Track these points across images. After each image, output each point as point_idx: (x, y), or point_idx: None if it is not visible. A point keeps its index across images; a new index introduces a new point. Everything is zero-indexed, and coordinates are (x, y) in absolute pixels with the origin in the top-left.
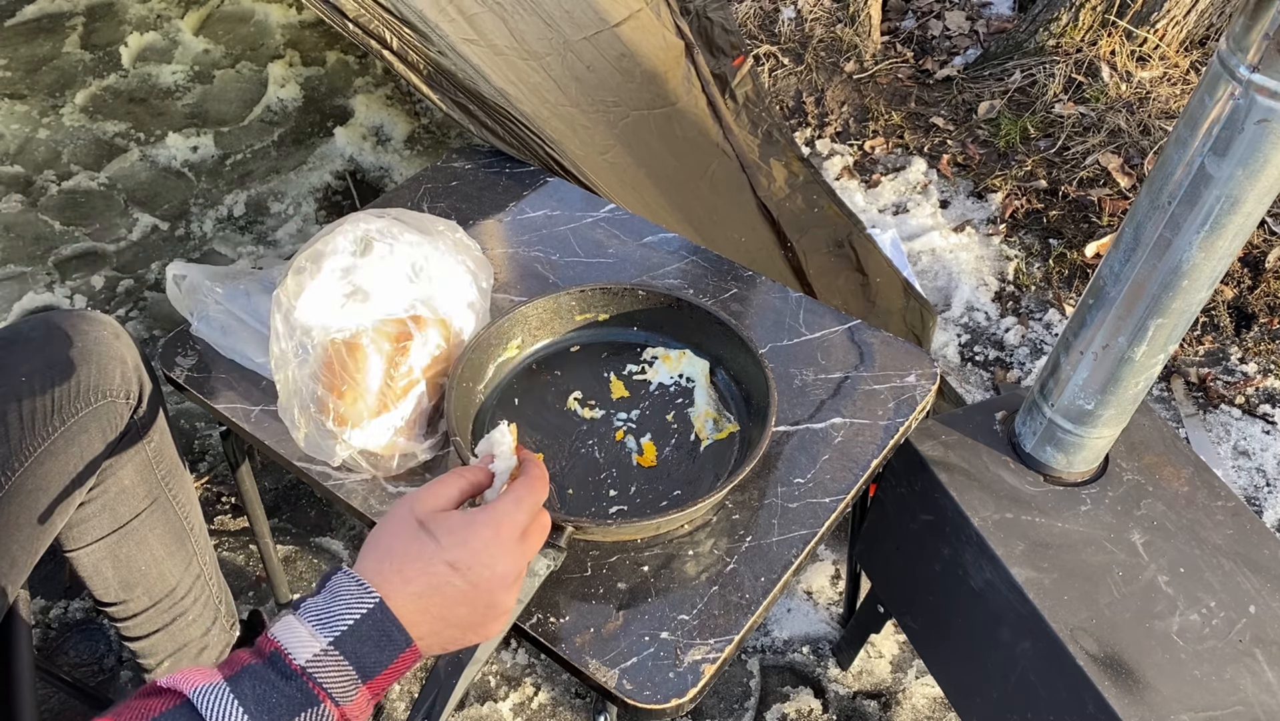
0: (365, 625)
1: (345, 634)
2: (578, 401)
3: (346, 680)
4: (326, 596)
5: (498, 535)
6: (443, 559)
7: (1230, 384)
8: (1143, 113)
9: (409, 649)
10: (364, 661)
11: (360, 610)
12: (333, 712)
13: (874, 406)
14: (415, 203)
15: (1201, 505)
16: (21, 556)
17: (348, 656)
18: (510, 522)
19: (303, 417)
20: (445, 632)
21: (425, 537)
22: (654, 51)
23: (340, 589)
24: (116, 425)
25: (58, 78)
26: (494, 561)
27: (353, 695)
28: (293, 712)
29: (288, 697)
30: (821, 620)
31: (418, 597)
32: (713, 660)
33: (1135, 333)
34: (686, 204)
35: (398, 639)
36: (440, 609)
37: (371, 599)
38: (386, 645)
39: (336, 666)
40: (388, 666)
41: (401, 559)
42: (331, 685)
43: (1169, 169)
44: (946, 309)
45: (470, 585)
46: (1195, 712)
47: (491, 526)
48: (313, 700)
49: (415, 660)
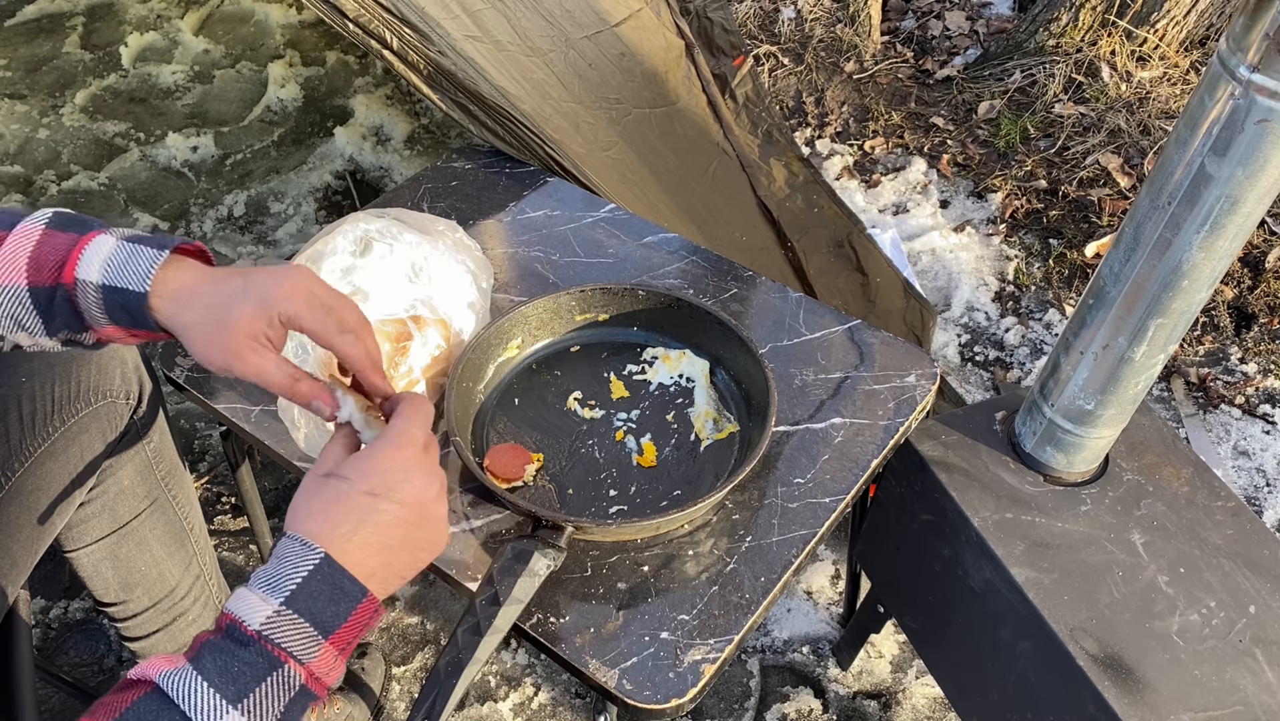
0: (315, 581)
1: (296, 592)
2: (578, 401)
3: (306, 637)
4: (273, 562)
5: (401, 450)
6: (359, 490)
7: (1230, 384)
8: (1143, 113)
9: (365, 599)
10: (320, 616)
11: (307, 566)
12: (299, 672)
13: (874, 406)
14: (415, 203)
15: (1201, 505)
16: (22, 556)
17: (302, 614)
18: (408, 438)
19: (303, 418)
20: (395, 562)
21: (336, 482)
22: (654, 51)
23: (285, 551)
24: (116, 425)
25: (58, 78)
26: (408, 475)
27: (315, 651)
28: (257, 678)
29: (249, 664)
30: (821, 620)
31: (353, 536)
32: (713, 660)
33: (1135, 332)
34: (687, 202)
35: (350, 590)
36: (379, 539)
37: (316, 555)
38: (340, 598)
39: (292, 625)
40: (346, 619)
41: (324, 509)
42: (291, 644)
43: (1169, 169)
44: (946, 309)
45: (397, 504)
46: (1195, 712)
47: (392, 445)
48: (275, 662)
49: (375, 609)
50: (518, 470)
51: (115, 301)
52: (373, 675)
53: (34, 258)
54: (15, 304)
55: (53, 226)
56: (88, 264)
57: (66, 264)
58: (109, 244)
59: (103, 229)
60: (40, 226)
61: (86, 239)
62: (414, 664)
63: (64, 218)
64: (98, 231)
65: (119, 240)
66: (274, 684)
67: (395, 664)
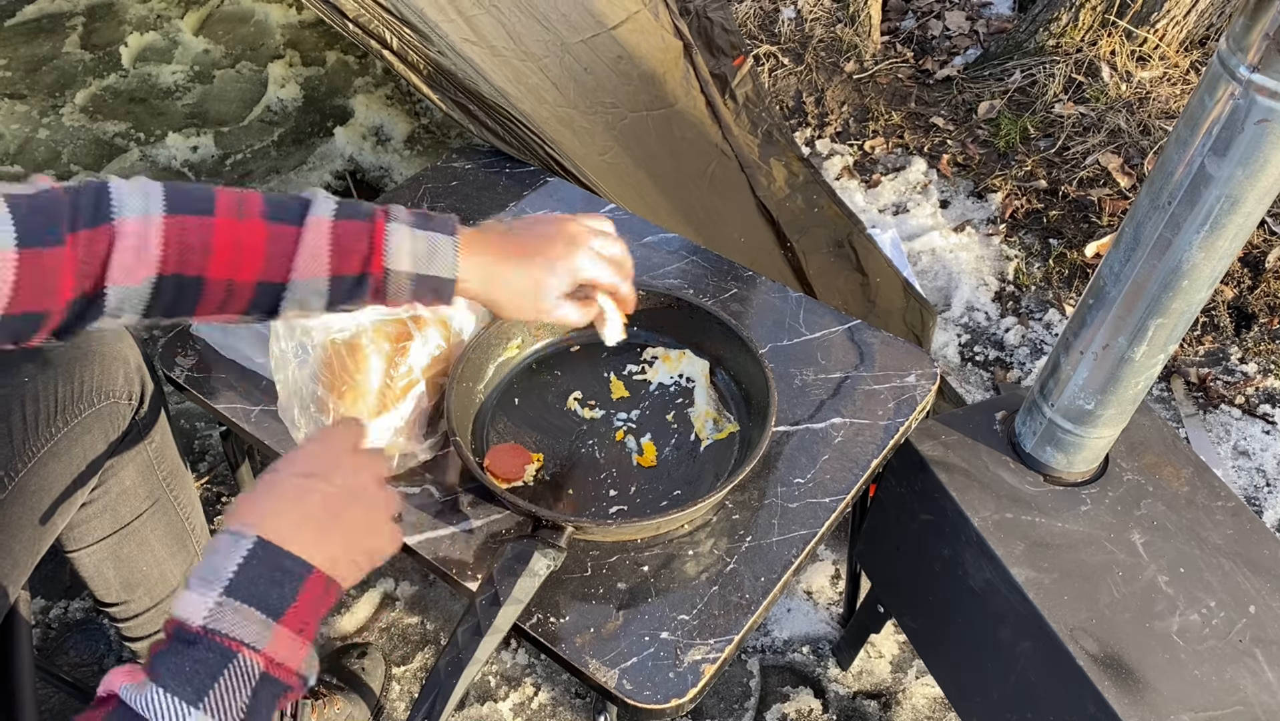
0: (252, 565)
1: (234, 580)
2: (578, 401)
3: (254, 623)
4: (207, 556)
5: (328, 441)
6: (292, 474)
7: (1230, 384)
8: (1143, 113)
9: (311, 574)
10: (265, 599)
11: (241, 552)
12: (255, 661)
13: (874, 406)
14: (415, 202)
15: (1201, 505)
16: (23, 556)
17: (245, 600)
18: (334, 434)
19: (303, 418)
20: (333, 540)
21: (269, 476)
22: (652, 53)
23: (216, 545)
24: (119, 425)
25: (58, 78)
26: (338, 460)
27: (268, 636)
28: (212, 674)
29: (200, 662)
30: (821, 620)
31: (284, 516)
32: (713, 660)
33: (1135, 333)
34: (686, 204)
35: (292, 568)
36: (317, 517)
37: (249, 540)
38: (283, 578)
39: (236, 613)
40: (295, 598)
41: (260, 501)
42: (239, 632)
43: (1169, 169)
44: (946, 309)
45: (331, 485)
46: (1195, 712)
47: (319, 440)
48: (227, 654)
49: (327, 585)
50: (518, 470)
51: (427, 286)
52: (373, 675)
53: (335, 250)
54: (311, 291)
55: (339, 216)
56: (395, 256)
57: (373, 256)
58: (403, 232)
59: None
60: (329, 219)
61: (378, 230)
62: (414, 664)
63: (344, 206)
64: (381, 218)
65: (411, 228)
66: (232, 676)
67: (395, 664)
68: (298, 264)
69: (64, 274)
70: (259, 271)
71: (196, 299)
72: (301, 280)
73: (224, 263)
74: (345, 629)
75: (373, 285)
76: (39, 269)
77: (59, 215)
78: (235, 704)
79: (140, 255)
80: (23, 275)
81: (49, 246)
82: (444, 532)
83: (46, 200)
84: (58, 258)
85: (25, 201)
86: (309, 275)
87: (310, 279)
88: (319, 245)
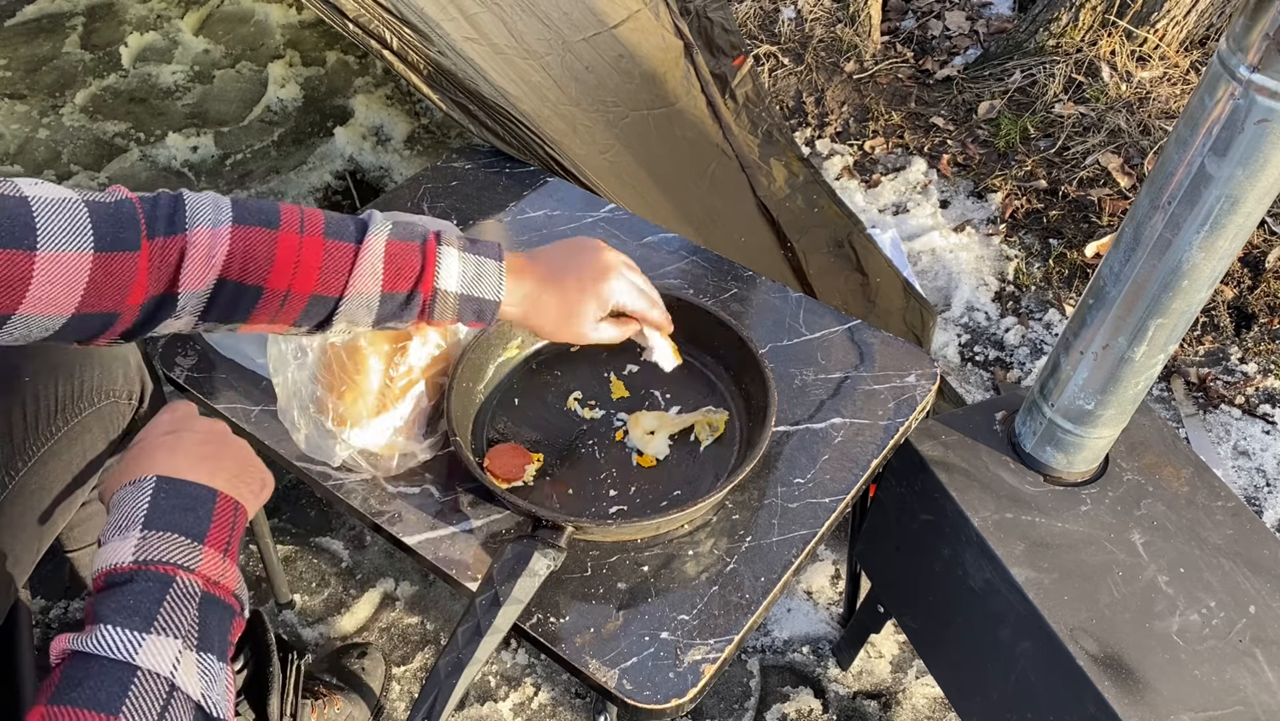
0: (160, 500)
1: (148, 515)
2: (578, 401)
3: (181, 547)
4: (113, 513)
5: (175, 409)
6: (155, 437)
7: (1230, 384)
8: (1143, 113)
9: (218, 497)
10: (183, 524)
11: (146, 493)
12: (193, 580)
13: (874, 406)
14: (415, 202)
15: (1201, 505)
16: (24, 556)
17: (165, 528)
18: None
19: (302, 418)
20: (224, 467)
21: (136, 446)
22: (653, 52)
23: (119, 500)
24: (119, 425)
25: (58, 78)
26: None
27: (198, 556)
28: (155, 600)
29: (141, 593)
30: (821, 620)
31: (171, 458)
32: (713, 660)
33: (1135, 332)
34: (686, 204)
35: (198, 493)
36: (199, 452)
37: (148, 482)
38: (193, 503)
39: (162, 541)
40: (210, 520)
41: (140, 458)
42: (170, 555)
43: (1169, 169)
44: (946, 309)
45: (196, 433)
46: (1195, 712)
47: (166, 410)
48: (164, 579)
49: (235, 507)
50: (518, 470)
51: (471, 307)
52: (373, 675)
53: (389, 268)
54: (362, 306)
55: (393, 237)
56: (446, 276)
57: (424, 276)
58: (453, 254)
59: (432, 234)
60: (384, 239)
61: (430, 251)
62: (414, 664)
63: (397, 227)
64: (433, 240)
65: (460, 251)
66: (175, 597)
67: (395, 664)
68: (354, 279)
69: (138, 277)
70: (315, 284)
71: (252, 306)
72: (356, 295)
73: (283, 274)
74: (345, 629)
75: (421, 302)
76: (113, 272)
77: (135, 223)
78: (185, 621)
79: (208, 261)
80: (96, 276)
81: (125, 251)
82: (444, 532)
83: (124, 208)
84: (133, 262)
85: (105, 208)
86: (363, 291)
87: (364, 294)
88: (375, 262)
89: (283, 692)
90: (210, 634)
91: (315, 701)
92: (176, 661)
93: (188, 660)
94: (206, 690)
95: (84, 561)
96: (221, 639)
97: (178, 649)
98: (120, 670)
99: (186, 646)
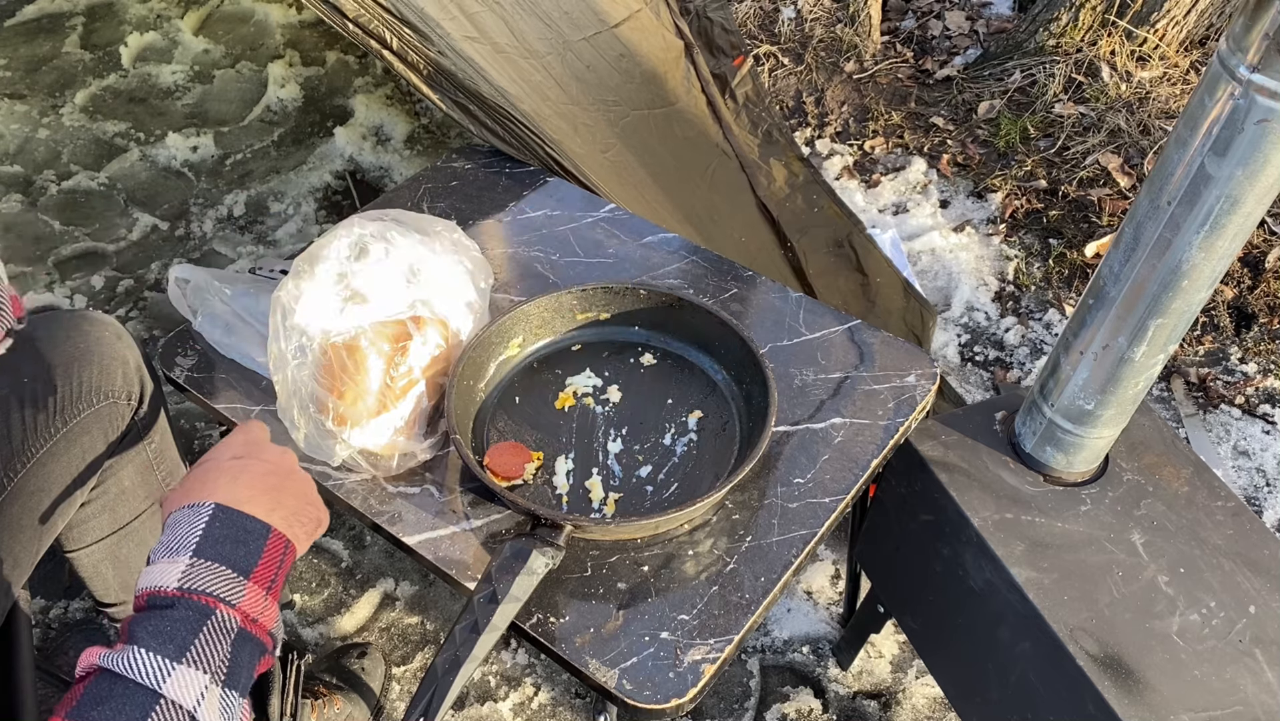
0: (215, 528)
1: (201, 543)
2: (575, 395)
3: (227, 580)
4: (167, 533)
5: (248, 432)
6: (223, 460)
7: (1230, 384)
8: (1143, 113)
9: (271, 534)
10: (233, 558)
11: (202, 519)
12: (232, 616)
13: (874, 406)
14: (415, 203)
15: (1201, 505)
16: (23, 556)
17: (214, 560)
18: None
19: (302, 418)
20: (284, 503)
21: (201, 466)
22: (653, 52)
23: (175, 521)
24: (118, 426)
25: (58, 78)
26: (261, 446)
27: (241, 592)
28: (192, 630)
29: (180, 621)
30: (821, 620)
31: (235, 486)
32: (713, 660)
33: (1135, 332)
34: (687, 203)
35: (253, 527)
36: (262, 485)
37: (207, 508)
38: (246, 537)
39: (210, 571)
40: (260, 555)
41: (204, 480)
42: (214, 588)
43: (1169, 169)
44: (946, 309)
45: (264, 463)
46: (1195, 712)
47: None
48: (204, 610)
49: (286, 545)
50: (518, 468)
51: None
52: (373, 675)
53: None
54: None
55: None
56: None
57: None
58: None
59: None
60: None
61: None
62: (414, 664)
63: None
64: None
65: None
66: (212, 630)
67: (395, 664)
68: None
69: None
70: None
71: None
72: None
73: None
74: (345, 629)
75: None
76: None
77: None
78: (217, 656)
79: None
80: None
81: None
82: (444, 532)
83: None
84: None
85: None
86: None
87: None
88: None
89: (283, 692)
90: (239, 671)
91: (315, 701)
92: (201, 696)
93: (212, 695)
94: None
95: (84, 561)
96: (248, 676)
97: (204, 683)
98: (145, 695)
99: (214, 681)
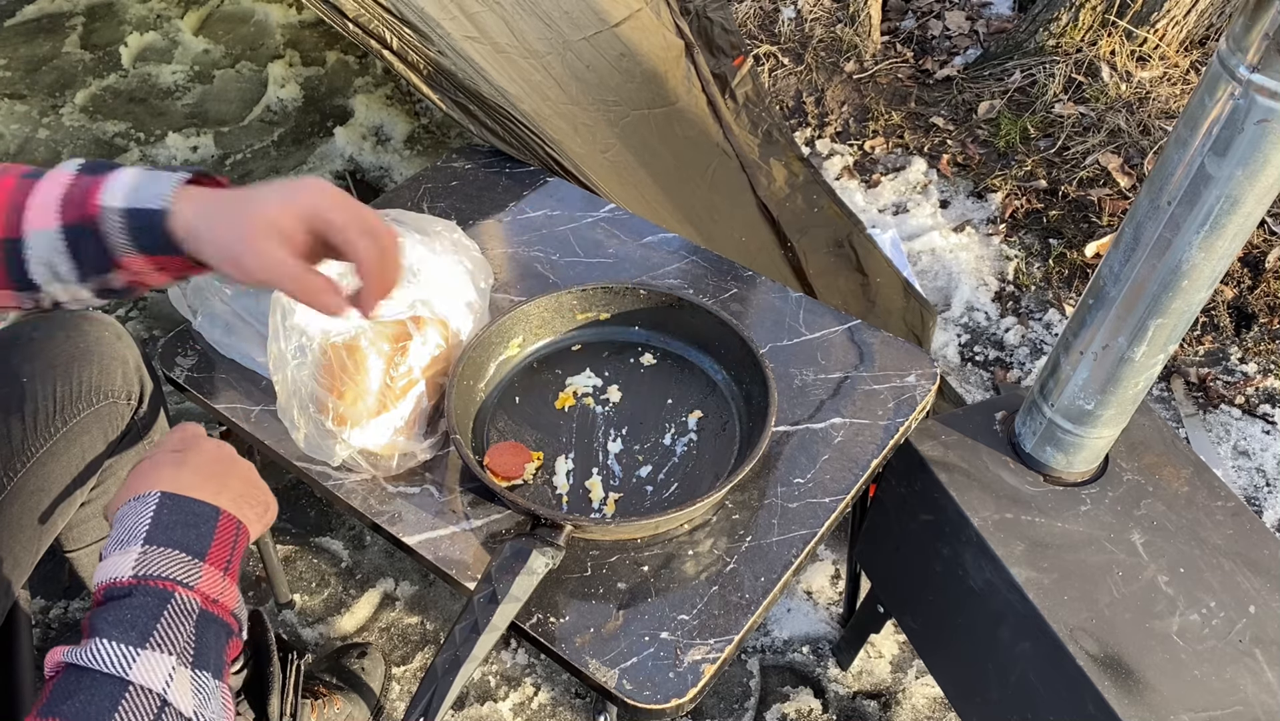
0: (163, 516)
1: (151, 531)
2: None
3: (181, 564)
4: (116, 528)
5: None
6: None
7: (1230, 384)
8: (1143, 113)
9: (221, 515)
10: (185, 541)
11: (149, 508)
12: (191, 597)
13: (874, 406)
14: (415, 203)
15: (1201, 505)
16: (23, 556)
17: (167, 545)
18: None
19: (302, 418)
20: (229, 487)
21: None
22: (654, 51)
23: (123, 514)
24: (118, 425)
25: (58, 78)
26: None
27: (198, 574)
28: (153, 615)
29: (139, 607)
30: (821, 620)
31: (178, 476)
32: (713, 660)
33: (1135, 332)
34: (687, 203)
35: (202, 510)
36: (206, 472)
37: (152, 497)
38: (196, 520)
39: (163, 557)
40: (212, 537)
41: (148, 474)
42: (170, 572)
43: (1169, 169)
44: (946, 309)
45: (199, 452)
46: (1195, 712)
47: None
48: (163, 595)
49: (238, 527)
50: (518, 468)
51: (137, 224)
52: (373, 675)
53: (65, 198)
54: (50, 249)
55: (84, 171)
56: (111, 192)
57: (90, 194)
58: (133, 172)
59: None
60: (71, 172)
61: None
62: (414, 664)
63: (95, 163)
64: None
65: (145, 169)
66: (172, 613)
67: (395, 664)
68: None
69: None
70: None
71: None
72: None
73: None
74: (345, 629)
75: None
76: None
77: None
78: (181, 638)
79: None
80: None
81: None
82: (444, 532)
83: None
84: None
85: None
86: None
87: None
88: (51, 192)
89: (283, 692)
90: (206, 651)
91: (315, 701)
92: (170, 678)
93: (181, 677)
94: (200, 707)
95: (83, 561)
96: (218, 657)
97: (171, 665)
98: (112, 684)
99: (181, 663)
